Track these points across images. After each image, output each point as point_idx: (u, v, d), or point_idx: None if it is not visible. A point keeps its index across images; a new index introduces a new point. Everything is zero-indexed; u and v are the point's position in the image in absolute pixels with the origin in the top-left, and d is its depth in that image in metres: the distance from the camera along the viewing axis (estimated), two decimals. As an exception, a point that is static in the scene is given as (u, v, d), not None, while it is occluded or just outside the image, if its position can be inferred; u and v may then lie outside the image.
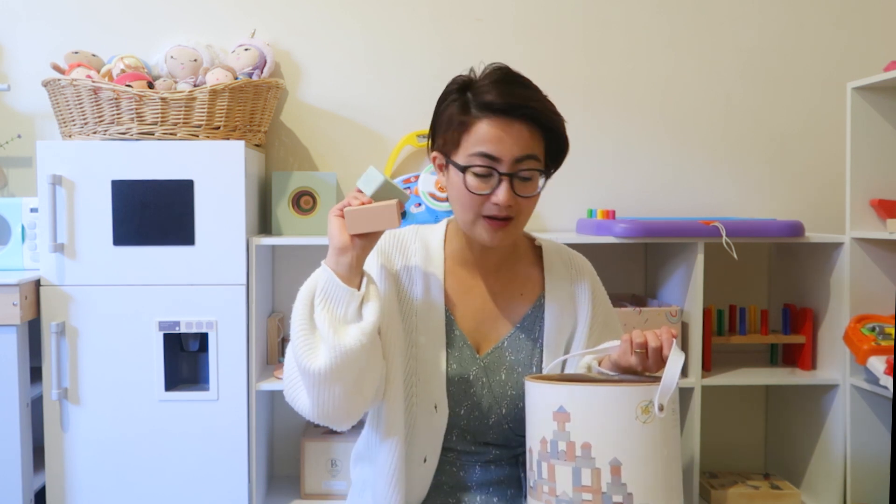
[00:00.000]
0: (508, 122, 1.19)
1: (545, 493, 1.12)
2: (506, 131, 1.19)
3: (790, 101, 2.32)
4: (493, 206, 1.21)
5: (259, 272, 1.94)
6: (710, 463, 2.25)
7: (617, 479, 1.07)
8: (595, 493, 1.08)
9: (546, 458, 1.12)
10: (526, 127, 1.20)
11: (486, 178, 1.20)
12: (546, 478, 1.12)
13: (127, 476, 1.88)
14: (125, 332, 1.87)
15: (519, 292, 1.34)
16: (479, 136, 1.20)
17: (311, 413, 1.19)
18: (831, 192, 2.27)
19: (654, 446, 1.08)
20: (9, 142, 2.18)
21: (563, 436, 1.10)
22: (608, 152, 2.29)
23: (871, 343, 1.86)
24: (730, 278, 2.25)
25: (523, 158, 1.20)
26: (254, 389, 1.92)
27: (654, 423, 1.08)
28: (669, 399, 1.08)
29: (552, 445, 1.11)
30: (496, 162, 1.19)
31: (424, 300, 1.29)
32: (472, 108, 1.21)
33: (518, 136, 1.19)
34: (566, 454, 1.10)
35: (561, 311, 1.33)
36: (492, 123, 1.19)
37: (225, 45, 2.19)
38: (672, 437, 1.11)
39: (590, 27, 2.28)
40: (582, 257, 1.42)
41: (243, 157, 1.87)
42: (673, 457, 1.11)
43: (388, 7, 2.26)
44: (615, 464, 1.08)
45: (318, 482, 2.06)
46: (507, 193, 1.20)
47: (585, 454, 1.09)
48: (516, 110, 1.19)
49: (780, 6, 2.30)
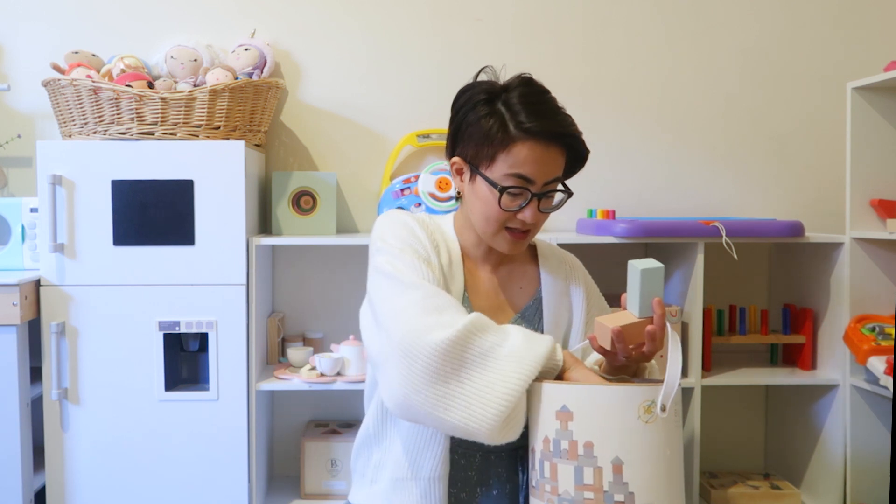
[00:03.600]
0: (547, 146, 1.24)
1: (547, 492, 1.12)
2: (545, 155, 1.24)
3: (790, 101, 2.32)
4: (518, 221, 1.27)
5: (259, 272, 1.94)
6: (710, 463, 2.25)
7: (619, 478, 1.07)
8: (597, 491, 1.08)
9: (548, 457, 1.12)
10: (560, 150, 1.26)
11: (517, 196, 1.25)
12: (548, 477, 1.12)
13: (127, 476, 1.88)
14: (125, 332, 1.87)
15: (518, 286, 1.39)
16: (520, 158, 1.23)
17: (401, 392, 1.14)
18: (831, 192, 2.27)
19: (656, 446, 1.09)
20: (9, 142, 2.18)
21: (565, 435, 1.10)
22: (608, 152, 2.29)
23: (871, 343, 1.86)
24: (730, 278, 2.25)
25: (553, 181, 1.27)
26: (254, 389, 1.92)
27: (657, 423, 1.08)
28: (672, 400, 1.09)
29: (555, 444, 1.11)
30: (530, 183, 1.25)
31: (451, 273, 1.32)
32: (511, 129, 1.23)
33: (554, 161, 1.26)
34: (568, 453, 1.10)
35: (558, 304, 1.38)
36: (533, 147, 1.23)
37: (225, 45, 2.19)
38: (674, 437, 1.12)
39: (589, 27, 2.28)
40: (573, 256, 1.48)
41: (243, 157, 1.88)
42: (675, 457, 1.12)
43: (388, 7, 2.26)
44: (617, 463, 1.08)
45: (318, 482, 2.06)
46: (534, 212, 1.26)
47: (588, 453, 1.09)
48: (558, 139, 1.24)
49: (780, 6, 2.31)
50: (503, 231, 1.29)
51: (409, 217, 1.33)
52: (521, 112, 1.23)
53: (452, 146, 1.33)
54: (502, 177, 1.24)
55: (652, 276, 1.14)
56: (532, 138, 1.22)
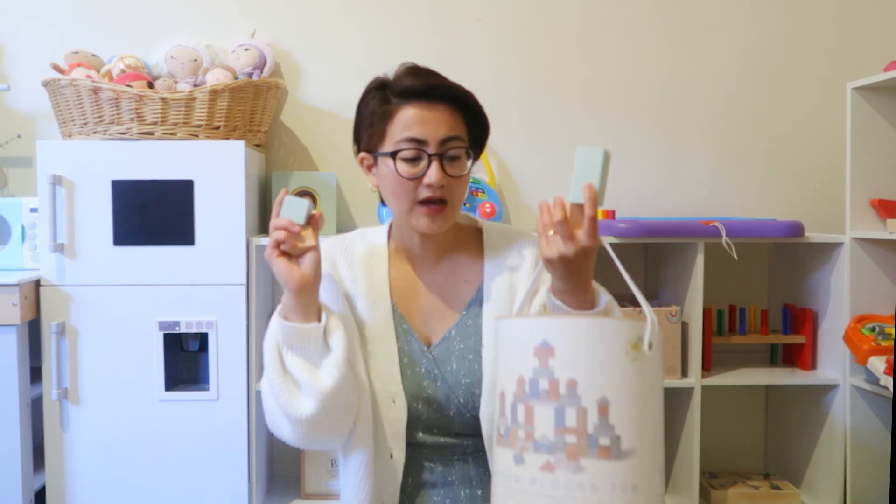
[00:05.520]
0: (430, 104, 1.22)
1: (520, 438, 1.00)
2: (429, 113, 1.22)
3: (790, 101, 2.32)
4: (426, 188, 1.22)
5: (259, 272, 1.94)
6: (710, 463, 2.25)
7: (605, 420, 0.97)
8: (580, 435, 0.96)
9: (523, 399, 1.00)
10: (447, 108, 1.23)
11: (415, 161, 1.22)
12: (522, 421, 1.00)
13: (127, 476, 1.88)
14: (125, 332, 1.87)
15: (463, 279, 1.33)
16: (404, 121, 1.22)
17: (301, 444, 1.25)
18: (831, 192, 2.27)
19: (642, 386, 1.00)
20: (9, 142, 2.18)
21: (545, 373, 0.99)
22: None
23: (871, 343, 1.86)
24: (730, 278, 2.25)
25: (449, 139, 1.22)
26: (254, 389, 1.92)
27: (643, 361, 1.00)
28: (656, 338, 1.01)
29: (531, 385, 1.00)
30: (423, 144, 1.22)
31: (372, 298, 1.30)
32: (392, 98, 1.24)
33: (441, 118, 1.22)
34: (548, 393, 0.99)
35: (502, 283, 1.30)
36: (414, 107, 1.22)
37: (225, 45, 2.19)
38: (658, 380, 1.03)
39: (589, 27, 2.28)
40: (530, 234, 1.37)
41: (243, 157, 1.88)
42: (658, 399, 1.03)
43: (387, 7, 2.26)
44: (603, 403, 0.97)
45: (318, 482, 2.06)
46: (438, 173, 1.21)
47: (571, 392, 0.98)
48: (435, 90, 1.22)
49: (780, 6, 2.31)
50: (417, 206, 1.23)
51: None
52: (397, 82, 1.24)
53: (357, 144, 1.33)
54: (394, 144, 1.23)
55: (589, 159, 1.09)
56: (411, 100, 1.22)
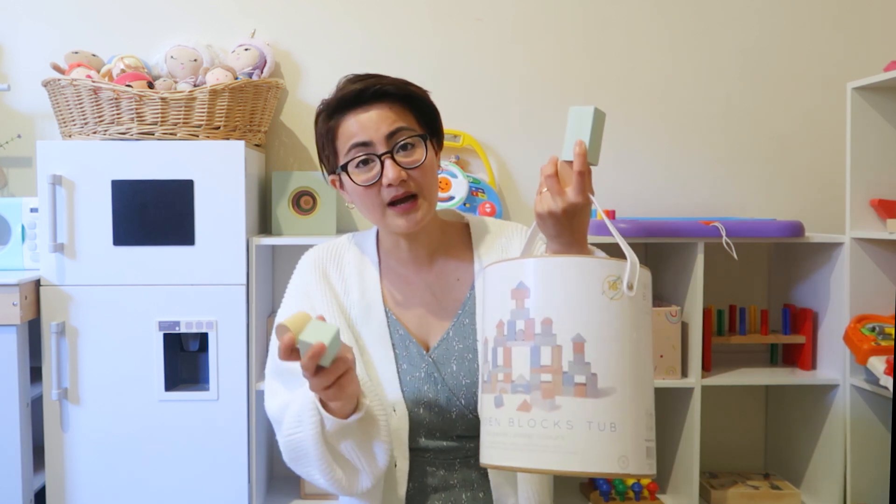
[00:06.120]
0: (365, 107, 1.22)
1: (500, 381, 1.00)
2: (366, 116, 1.22)
3: (790, 101, 2.32)
4: (387, 189, 1.21)
5: (259, 272, 1.94)
6: (710, 463, 2.25)
7: (580, 358, 0.96)
8: (555, 373, 0.96)
9: (502, 342, 1.01)
10: (385, 105, 1.22)
11: (367, 165, 1.22)
12: (501, 364, 1.00)
13: (127, 476, 1.88)
14: (125, 332, 1.87)
15: (455, 278, 1.32)
16: (346, 132, 1.23)
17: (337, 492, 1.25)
18: (831, 192, 2.27)
19: (621, 325, 0.98)
20: (9, 142, 2.18)
21: (521, 314, 0.99)
22: (608, 152, 2.28)
23: (871, 343, 1.86)
24: (730, 278, 2.25)
25: (393, 133, 1.21)
26: (254, 389, 1.92)
27: (623, 300, 0.99)
28: (640, 282, 1.01)
29: (509, 327, 1.00)
30: (369, 146, 1.21)
31: (365, 305, 1.29)
32: (332, 115, 1.25)
33: (380, 116, 1.22)
34: (524, 333, 0.98)
35: None
36: (352, 116, 1.22)
37: (225, 45, 2.19)
38: (643, 321, 1.02)
39: (590, 27, 2.28)
40: (517, 225, 1.38)
41: (243, 157, 1.88)
42: (644, 343, 1.01)
43: (387, 7, 2.26)
44: (578, 340, 0.96)
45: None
46: (393, 169, 1.20)
47: (546, 330, 0.97)
48: (366, 92, 1.22)
49: (780, 6, 2.31)
50: (387, 210, 1.22)
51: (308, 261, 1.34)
52: (333, 98, 1.25)
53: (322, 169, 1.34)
54: (344, 157, 1.23)
55: (580, 118, 1.10)
56: (347, 110, 1.23)
